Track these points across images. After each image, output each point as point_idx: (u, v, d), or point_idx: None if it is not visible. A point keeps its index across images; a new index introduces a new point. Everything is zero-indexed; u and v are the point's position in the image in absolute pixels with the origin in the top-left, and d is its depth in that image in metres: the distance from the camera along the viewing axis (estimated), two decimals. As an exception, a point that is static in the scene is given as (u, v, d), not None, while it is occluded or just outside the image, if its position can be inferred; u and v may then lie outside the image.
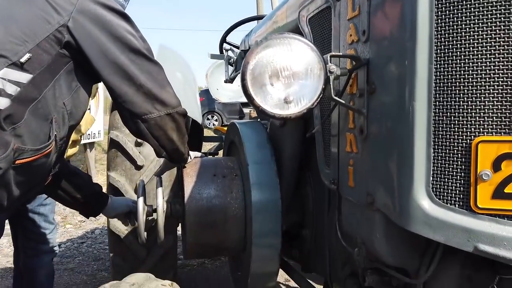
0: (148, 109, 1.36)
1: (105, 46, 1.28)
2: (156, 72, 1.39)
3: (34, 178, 1.26)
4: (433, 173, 0.93)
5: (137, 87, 1.33)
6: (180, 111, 1.46)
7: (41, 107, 1.18)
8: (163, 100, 1.38)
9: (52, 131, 1.22)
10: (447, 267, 1.03)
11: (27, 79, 1.13)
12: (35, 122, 1.16)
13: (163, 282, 1.08)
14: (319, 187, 1.80)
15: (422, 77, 0.92)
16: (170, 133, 1.46)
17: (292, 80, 1.00)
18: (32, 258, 2.25)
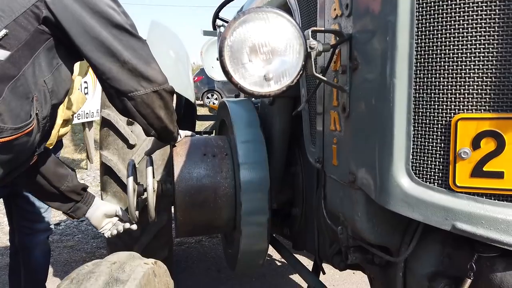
0: (134, 86, 1.33)
1: (86, 21, 1.24)
2: (141, 48, 1.35)
3: (16, 157, 1.25)
4: (413, 151, 0.92)
5: (121, 64, 1.29)
6: (168, 88, 1.43)
7: (21, 85, 1.15)
8: (149, 76, 1.35)
9: (33, 109, 1.20)
10: (427, 245, 1.03)
11: (5, 56, 1.10)
12: (14, 101, 1.13)
13: (146, 261, 1.08)
14: (308, 166, 1.79)
15: (403, 52, 0.89)
16: (157, 111, 1.43)
17: (271, 57, 0.97)
18: (27, 236, 2.28)
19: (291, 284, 3.07)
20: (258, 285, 3.02)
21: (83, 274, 0.97)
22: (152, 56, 1.40)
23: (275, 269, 3.29)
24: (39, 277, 2.37)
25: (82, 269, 1.01)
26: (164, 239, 2.45)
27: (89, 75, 5.62)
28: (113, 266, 1.00)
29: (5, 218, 3.84)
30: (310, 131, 1.44)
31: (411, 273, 1.07)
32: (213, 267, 3.34)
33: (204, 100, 15.25)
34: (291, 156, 1.94)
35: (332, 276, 3.03)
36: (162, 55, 2.57)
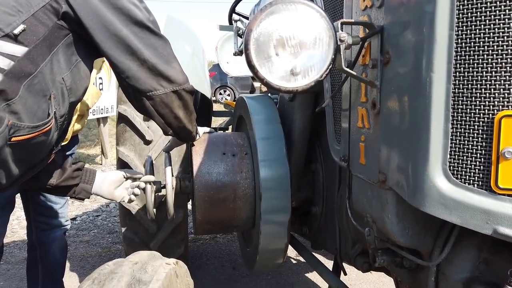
0: (153, 85, 1.30)
1: (106, 17, 1.20)
2: (162, 46, 1.31)
3: (34, 156, 1.23)
4: (450, 151, 0.87)
5: (141, 62, 1.26)
6: (187, 88, 1.39)
7: (38, 82, 1.12)
8: (169, 76, 1.31)
9: (51, 108, 1.17)
10: (463, 250, 0.98)
11: (22, 52, 1.07)
12: (31, 99, 1.11)
13: (168, 261, 1.06)
14: (330, 164, 1.74)
15: (442, 45, 0.84)
16: (176, 111, 1.40)
17: (299, 50, 0.92)
18: (44, 232, 2.29)
19: (307, 282, 3.03)
20: (273, 283, 2.98)
21: (105, 274, 0.94)
22: (173, 55, 1.36)
23: (291, 267, 3.25)
24: (57, 272, 2.38)
25: (103, 268, 0.99)
26: (180, 235, 2.44)
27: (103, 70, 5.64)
28: (135, 266, 0.97)
29: (22, 212, 3.88)
30: (334, 128, 1.39)
31: (444, 278, 1.02)
32: (228, 264, 3.32)
33: (217, 96, 15.24)
34: (311, 153, 1.89)
35: (349, 276, 2.98)
36: (178, 50, 2.54)
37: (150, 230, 2.34)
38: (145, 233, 2.36)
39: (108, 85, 6.15)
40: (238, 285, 2.96)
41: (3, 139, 1.03)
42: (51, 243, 2.30)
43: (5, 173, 1.12)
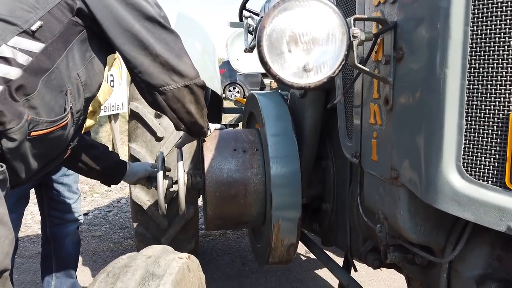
0: (165, 80, 1.31)
1: (119, 13, 1.22)
2: (173, 41, 1.33)
3: (51, 150, 1.26)
4: (464, 147, 0.86)
5: (153, 57, 1.28)
6: (199, 83, 1.41)
7: (55, 78, 1.15)
8: (181, 71, 1.33)
9: (68, 103, 1.20)
10: (475, 247, 0.98)
11: (39, 48, 1.10)
12: (49, 94, 1.13)
13: (180, 255, 1.07)
14: (340, 160, 1.74)
15: (457, 40, 0.83)
16: (188, 106, 1.42)
17: (312, 46, 0.93)
18: (58, 227, 2.33)
19: (316, 279, 3.03)
20: (283, 279, 2.99)
21: (119, 268, 0.96)
22: (184, 50, 1.38)
23: (300, 264, 3.26)
24: (70, 266, 2.42)
25: (117, 262, 1.01)
26: (191, 231, 2.46)
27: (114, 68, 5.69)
28: (148, 260, 0.99)
29: (36, 207, 3.95)
30: (345, 125, 1.39)
31: (457, 275, 1.01)
32: (238, 260, 3.34)
33: (226, 93, 15.25)
34: (322, 150, 1.89)
35: (359, 273, 2.96)
36: (189, 47, 2.55)
37: (161, 225, 2.37)
38: (156, 228, 2.38)
39: (119, 82, 6.21)
40: (248, 280, 2.97)
41: (23, 133, 1.05)
42: (65, 237, 2.34)
43: (24, 167, 1.15)
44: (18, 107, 1.03)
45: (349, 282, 1.63)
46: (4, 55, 1.03)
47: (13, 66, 1.03)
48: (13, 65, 1.03)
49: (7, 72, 1.02)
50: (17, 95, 1.03)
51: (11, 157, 1.07)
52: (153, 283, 0.89)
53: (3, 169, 1.03)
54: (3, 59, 1.03)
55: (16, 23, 1.06)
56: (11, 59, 1.03)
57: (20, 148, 1.08)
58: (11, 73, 1.02)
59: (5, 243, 0.99)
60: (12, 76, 1.02)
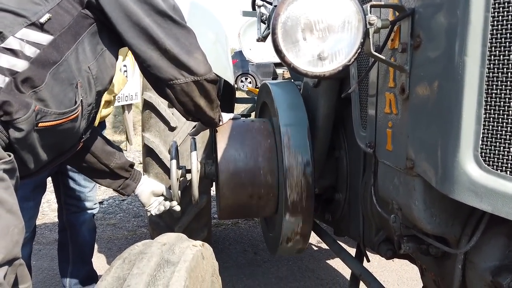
0: (174, 75, 1.30)
1: (128, 6, 1.21)
2: (184, 36, 1.30)
3: (63, 143, 1.27)
4: (482, 137, 0.84)
5: (163, 52, 1.26)
6: (209, 78, 1.39)
7: (64, 71, 1.14)
8: (190, 66, 1.31)
9: (78, 96, 1.20)
10: (492, 238, 0.96)
11: (48, 40, 1.09)
12: (58, 86, 1.13)
13: (195, 243, 1.08)
14: (354, 150, 1.73)
15: (476, 27, 0.81)
16: (197, 100, 1.40)
17: (327, 34, 0.91)
18: (74, 215, 2.38)
19: (327, 268, 3.04)
20: (295, 269, 3.01)
21: (135, 254, 0.98)
22: (196, 45, 1.35)
23: (312, 254, 3.27)
24: (86, 253, 2.47)
25: (133, 249, 1.02)
26: (204, 220, 2.48)
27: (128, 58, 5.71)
28: (163, 247, 1.00)
29: (52, 196, 4.03)
30: (360, 114, 1.37)
31: (472, 266, 1.00)
32: (250, 249, 3.36)
33: (238, 84, 15.23)
34: (335, 140, 1.88)
35: (371, 263, 2.97)
36: (201, 36, 2.55)
37: (174, 214, 2.39)
38: (169, 217, 2.41)
39: (132, 73, 6.21)
40: (260, 269, 3.00)
41: (30, 124, 1.06)
42: (81, 225, 2.38)
43: (33, 158, 1.15)
44: (25, 98, 1.04)
45: (362, 272, 1.63)
46: (11, 47, 1.03)
47: (20, 58, 1.03)
48: (20, 57, 1.03)
49: (14, 64, 1.03)
50: (23, 87, 1.03)
51: (19, 147, 1.08)
52: (168, 269, 0.90)
53: (11, 159, 1.03)
54: (10, 51, 1.03)
55: (25, 15, 1.06)
56: (18, 51, 1.03)
57: (28, 139, 1.08)
58: (18, 65, 1.02)
59: (14, 232, 1.00)
60: (19, 68, 1.03)
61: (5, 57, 1.01)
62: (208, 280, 1.07)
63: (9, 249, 0.97)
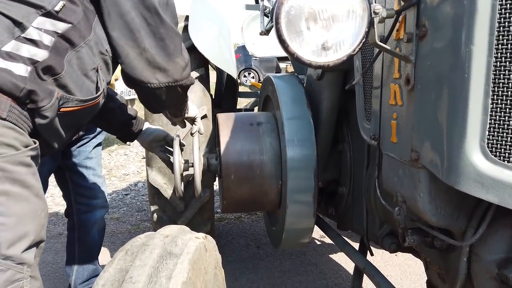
0: (147, 78, 1.23)
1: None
2: (169, 37, 1.22)
3: (81, 121, 1.28)
4: (489, 127, 0.83)
5: (140, 51, 1.20)
6: (185, 84, 1.32)
7: (82, 56, 1.13)
8: (167, 71, 1.24)
9: (100, 81, 1.19)
10: (498, 230, 0.95)
11: (64, 28, 1.08)
12: (78, 73, 1.13)
13: (197, 235, 1.08)
14: (358, 143, 1.72)
15: (484, 16, 0.79)
16: (165, 102, 1.36)
17: (331, 23, 0.90)
18: (85, 215, 2.29)
19: (330, 263, 3.04)
20: (298, 263, 3.01)
21: (137, 246, 0.98)
22: (179, 49, 1.28)
23: (315, 248, 3.27)
24: (94, 252, 2.38)
25: (135, 241, 1.02)
26: (207, 214, 2.48)
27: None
28: (166, 239, 1.00)
29: (56, 190, 4.04)
30: (364, 106, 1.36)
31: (478, 259, 0.99)
32: (253, 243, 3.37)
33: (241, 79, 15.19)
34: (338, 133, 1.87)
35: (374, 258, 2.96)
36: (205, 30, 2.54)
37: (177, 208, 2.39)
38: (173, 211, 2.41)
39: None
40: (263, 263, 3.00)
41: (54, 111, 1.07)
42: (92, 225, 2.29)
43: (57, 139, 1.18)
44: (47, 85, 1.05)
45: (365, 265, 1.62)
46: (31, 37, 1.03)
47: (40, 48, 1.03)
48: (40, 47, 1.03)
49: (34, 54, 1.03)
50: (44, 76, 1.04)
51: (44, 132, 1.10)
52: (171, 261, 0.90)
53: (36, 145, 1.06)
54: (31, 41, 1.03)
55: (40, 4, 1.05)
56: (38, 41, 1.03)
57: (52, 124, 1.10)
58: (38, 55, 1.02)
59: (41, 216, 1.05)
60: (39, 57, 1.03)
61: (26, 46, 1.01)
62: (211, 272, 1.07)
63: (37, 231, 1.03)
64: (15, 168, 0.98)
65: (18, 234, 0.97)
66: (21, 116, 1.02)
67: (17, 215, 0.97)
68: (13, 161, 0.98)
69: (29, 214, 1.01)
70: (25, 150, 1.02)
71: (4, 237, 0.94)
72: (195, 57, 2.42)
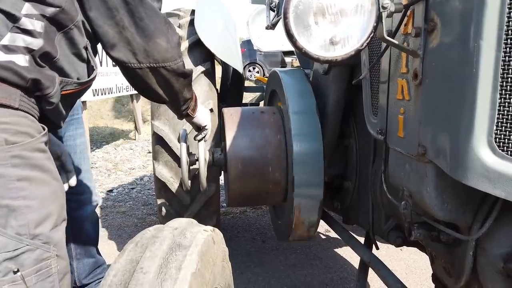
0: (127, 57, 1.20)
1: None
2: (150, 18, 1.19)
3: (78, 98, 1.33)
4: (497, 122, 0.83)
5: (119, 29, 1.17)
6: (169, 67, 1.27)
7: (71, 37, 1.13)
8: (148, 51, 1.20)
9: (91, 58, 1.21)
10: (505, 224, 0.96)
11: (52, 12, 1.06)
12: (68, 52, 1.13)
13: (205, 228, 1.09)
14: (364, 138, 1.72)
15: (493, 10, 0.79)
16: (154, 86, 1.31)
17: (339, 18, 0.90)
18: (76, 211, 2.21)
19: (335, 257, 3.05)
20: (303, 257, 3.03)
21: (147, 238, 0.99)
22: (161, 30, 1.24)
23: (320, 242, 3.28)
24: (91, 246, 2.34)
25: (145, 233, 1.04)
26: (213, 208, 2.50)
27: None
28: (175, 231, 1.01)
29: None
30: (371, 101, 1.36)
31: (484, 253, 1.00)
32: (258, 237, 3.39)
33: (246, 73, 15.16)
34: (345, 128, 1.87)
35: (379, 252, 2.96)
36: (210, 24, 2.54)
37: (184, 201, 2.42)
38: (179, 204, 2.44)
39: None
40: (268, 257, 3.02)
41: (58, 96, 1.10)
42: (84, 221, 2.27)
43: (61, 118, 1.22)
44: (47, 71, 1.06)
45: (371, 259, 1.63)
46: (25, 27, 1.02)
47: (35, 37, 1.03)
48: (36, 36, 1.03)
49: (30, 43, 1.03)
50: (42, 62, 1.05)
51: (52, 115, 1.14)
52: (180, 253, 0.91)
53: (46, 131, 1.10)
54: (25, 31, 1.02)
55: None
56: (33, 31, 1.03)
57: (58, 107, 1.14)
58: (34, 43, 1.03)
59: (61, 197, 1.12)
60: (35, 46, 1.03)
61: (21, 36, 1.01)
62: (219, 264, 1.08)
63: (59, 211, 1.10)
64: (33, 155, 1.02)
65: (43, 214, 1.03)
66: (31, 103, 1.04)
67: (40, 198, 1.02)
68: (30, 148, 1.01)
69: (50, 196, 1.06)
70: (39, 136, 1.05)
71: (31, 218, 0.99)
72: (201, 51, 2.43)
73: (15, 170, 0.97)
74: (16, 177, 0.98)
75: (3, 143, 0.96)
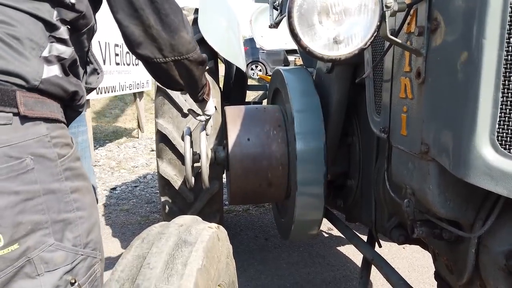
0: (153, 53, 1.25)
1: None
2: (173, 13, 1.23)
3: None
4: (499, 120, 0.84)
5: (145, 28, 1.20)
6: (192, 58, 1.32)
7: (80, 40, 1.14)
8: (173, 45, 1.25)
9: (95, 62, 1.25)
10: (506, 222, 0.96)
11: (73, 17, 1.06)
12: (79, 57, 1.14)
13: (210, 225, 1.11)
14: (367, 136, 1.73)
15: (496, 9, 0.80)
16: (177, 78, 1.36)
17: (343, 17, 0.91)
18: None
19: (338, 255, 3.07)
20: (305, 255, 3.04)
21: (153, 235, 1.01)
22: (183, 23, 1.28)
23: (322, 240, 3.30)
24: None
25: (151, 230, 1.05)
26: (216, 206, 2.52)
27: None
28: (180, 228, 1.03)
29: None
30: (374, 100, 1.37)
31: (486, 251, 1.01)
32: (261, 235, 3.40)
33: (248, 72, 15.15)
34: (348, 126, 1.88)
35: (382, 250, 2.99)
36: (214, 23, 2.55)
37: (187, 199, 2.43)
38: (182, 202, 2.45)
39: (143, 60, 6.25)
40: (271, 255, 3.04)
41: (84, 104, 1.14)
42: None
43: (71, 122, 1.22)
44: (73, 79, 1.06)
45: (374, 257, 1.64)
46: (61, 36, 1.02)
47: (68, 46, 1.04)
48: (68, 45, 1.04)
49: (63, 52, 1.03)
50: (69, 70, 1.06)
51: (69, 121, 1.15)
52: (186, 249, 0.93)
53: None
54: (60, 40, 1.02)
55: None
56: (66, 39, 1.03)
57: None
58: (67, 52, 1.03)
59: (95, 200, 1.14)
60: (67, 55, 1.03)
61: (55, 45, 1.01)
62: (223, 261, 1.10)
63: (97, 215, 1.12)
64: (76, 164, 1.03)
65: (92, 222, 1.05)
66: (63, 113, 1.05)
67: (89, 206, 1.04)
68: (73, 158, 1.02)
69: (93, 202, 1.09)
70: (75, 146, 1.06)
71: (84, 228, 1.01)
72: (204, 50, 2.44)
73: (68, 182, 0.98)
74: (70, 190, 0.98)
75: (56, 157, 0.96)
